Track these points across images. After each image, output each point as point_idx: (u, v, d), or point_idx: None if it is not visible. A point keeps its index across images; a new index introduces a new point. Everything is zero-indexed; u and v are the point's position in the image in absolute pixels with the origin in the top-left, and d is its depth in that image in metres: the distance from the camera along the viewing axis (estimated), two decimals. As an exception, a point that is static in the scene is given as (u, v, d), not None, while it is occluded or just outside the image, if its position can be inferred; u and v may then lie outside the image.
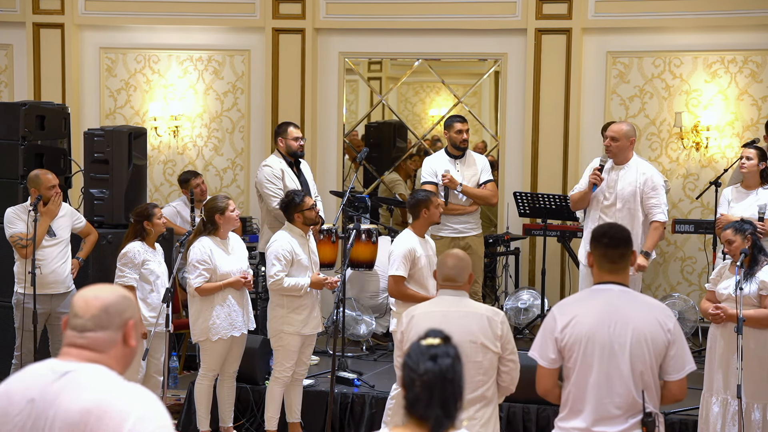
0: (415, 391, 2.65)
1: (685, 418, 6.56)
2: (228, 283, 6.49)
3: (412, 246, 6.32)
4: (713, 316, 5.90)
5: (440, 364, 2.66)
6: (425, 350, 2.69)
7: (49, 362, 2.69)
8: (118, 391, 2.59)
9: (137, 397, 2.58)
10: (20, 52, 10.11)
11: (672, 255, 9.37)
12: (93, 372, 2.63)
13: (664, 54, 9.22)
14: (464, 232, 7.82)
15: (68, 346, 2.69)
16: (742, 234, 5.86)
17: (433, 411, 2.63)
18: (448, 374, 2.66)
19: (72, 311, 2.71)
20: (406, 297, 6.29)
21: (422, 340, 2.73)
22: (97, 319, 2.68)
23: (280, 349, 6.59)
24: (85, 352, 2.66)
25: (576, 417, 4.08)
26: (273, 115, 9.67)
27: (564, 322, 4.09)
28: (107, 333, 2.68)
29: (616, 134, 6.94)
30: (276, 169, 7.72)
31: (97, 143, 7.69)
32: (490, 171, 7.99)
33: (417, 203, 6.47)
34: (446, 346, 2.71)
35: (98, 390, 2.58)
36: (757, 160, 7.00)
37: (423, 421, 2.64)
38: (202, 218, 6.66)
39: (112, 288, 2.79)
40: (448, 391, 2.65)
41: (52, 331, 7.12)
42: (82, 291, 2.75)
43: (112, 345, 2.69)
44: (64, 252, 7.07)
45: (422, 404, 2.64)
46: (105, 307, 2.69)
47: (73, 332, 2.69)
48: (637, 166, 7.03)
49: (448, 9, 9.50)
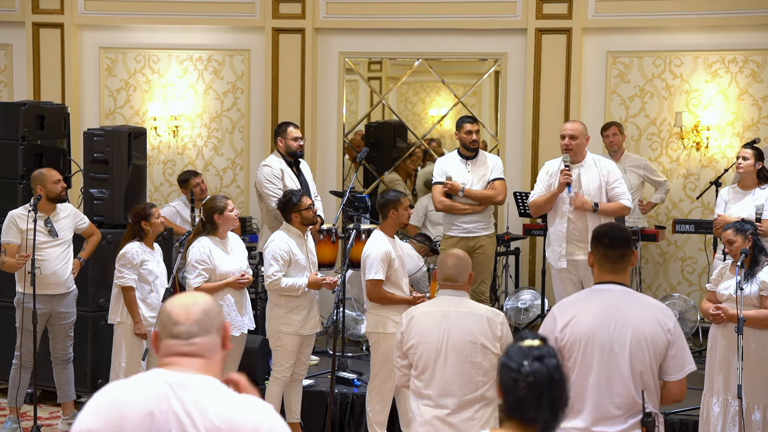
0: (519, 393, 2.59)
1: (686, 419, 6.55)
2: (227, 283, 6.48)
3: (387, 248, 6.32)
4: (714, 317, 5.89)
5: (547, 364, 2.61)
6: (528, 351, 2.63)
7: (159, 373, 2.64)
8: (243, 406, 2.59)
9: (262, 410, 2.60)
10: (20, 51, 10.11)
11: (672, 255, 9.36)
12: (209, 386, 2.61)
13: (664, 54, 9.21)
14: (475, 232, 7.78)
15: (176, 354, 2.65)
16: (743, 234, 5.85)
17: (543, 413, 2.58)
18: (556, 374, 2.62)
19: (170, 320, 2.67)
20: (385, 300, 6.31)
21: (521, 342, 2.68)
22: (201, 323, 2.66)
23: (279, 349, 6.59)
24: (195, 360, 2.64)
25: (575, 417, 4.07)
26: (273, 115, 9.67)
27: (564, 321, 4.09)
28: (211, 337, 2.67)
29: (575, 132, 7.00)
30: (275, 169, 7.71)
31: (97, 143, 7.68)
32: (501, 170, 7.93)
33: (385, 203, 6.46)
34: (548, 347, 2.66)
35: (222, 406, 2.57)
36: (753, 160, 7.01)
37: (530, 424, 2.59)
38: (201, 218, 6.65)
39: (202, 294, 2.80)
40: (557, 391, 2.61)
41: (52, 332, 7.11)
42: (174, 300, 2.73)
43: (216, 349, 2.68)
44: (66, 253, 7.05)
45: (529, 406, 2.59)
46: (205, 310, 2.68)
47: (176, 341, 2.65)
48: (595, 161, 7.08)
49: (448, 9, 9.50)
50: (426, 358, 4.70)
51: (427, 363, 4.70)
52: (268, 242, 6.60)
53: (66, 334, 7.12)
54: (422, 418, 4.73)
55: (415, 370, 4.76)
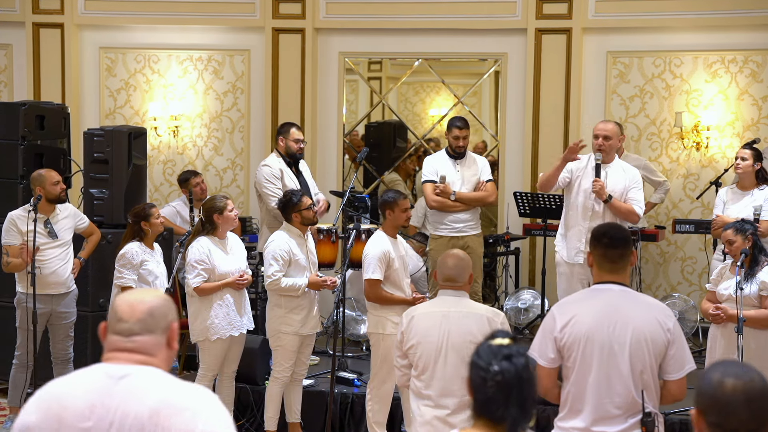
0: (488, 392, 2.61)
1: (685, 419, 6.55)
2: (226, 283, 6.49)
3: (386, 248, 6.32)
4: (713, 317, 5.90)
5: (515, 363, 2.62)
6: (497, 350, 2.65)
7: (99, 367, 2.67)
8: (184, 390, 2.61)
9: (203, 397, 2.61)
10: (20, 51, 10.11)
11: (672, 255, 9.36)
12: (150, 374, 2.63)
13: (664, 54, 9.21)
14: (463, 231, 7.81)
15: (115, 350, 2.67)
16: (743, 234, 5.86)
17: (511, 411, 2.60)
18: (524, 373, 2.63)
19: (115, 316, 2.70)
20: (383, 300, 6.31)
21: (491, 340, 2.69)
22: (144, 323, 2.67)
23: (279, 349, 6.59)
24: (135, 355, 2.66)
25: (575, 417, 4.08)
26: (273, 115, 9.67)
27: (563, 321, 4.09)
28: (153, 336, 2.68)
29: (609, 133, 6.95)
30: (275, 169, 7.71)
31: (97, 143, 7.68)
32: (489, 171, 7.98)
33: (382, 204, 6.51)
34: (518, 346, 2.68)
35: (163, 391, 2.59)
36: (752, 160, 7.01)
37: (498, 422, 2.60)
38: (201, 218, 6.65)
39: (154, 292, 2.80)
40: (525, 390, 2.62)
41: (52, 331, 7.11)
42: (125, 295, 2.75)
43: (159, 348, 2.69)
44: (66, 253, 7.05)
45: (497, 405, 2.60)
46: (150, 310, 2.69)
47: (118, 337, 2.68)
48: (622, 166, 7.08)
49: (448, 9, 9.50)
50: (426, 358, 4.70)
51: (427, 363, 4.70)
52: (268, 242, 6.60)
53: (66, 334, 7.12)
54: (422, 418, 4.74)
55: (416, 370, 4.77)
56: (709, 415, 2.53)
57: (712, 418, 2.53)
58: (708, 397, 2.55)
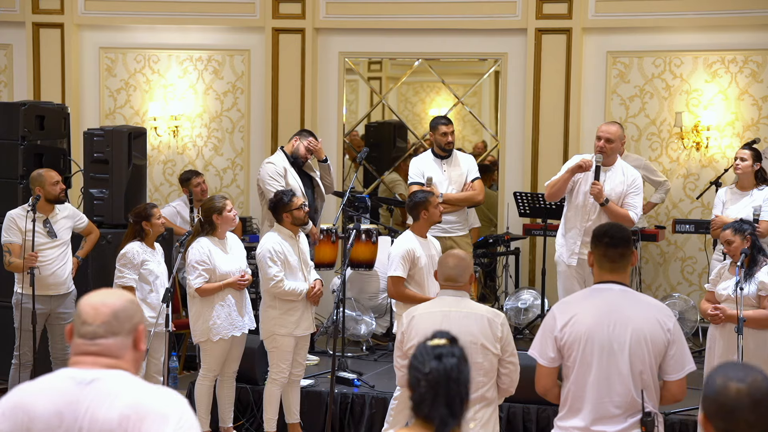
0: (421, 391, 2.66)
1: (685, 418, 6.55)
2: (227, 283, 6.49)
3: (411, 246, 6.32)
4: (712, 317, 5.90)
5: (445, 363, 2.66)
6: (431, 350, 2.70)
7: (64, 372, 2.63)
8: (154, 395, 2.58)
9: (173, 401, 2.58)
10: (20, 51, 10.11)
11: (672, 255, 9.36)
12: (119, 378, 2.60)
13: (664, 54, 9.21)
14: (450, 232, 7.78)
15: (80, 354, 2.64)
16: (742, 234, 5.86)
17: (438, 410, 2.63)
18: (453, 373, 2.66)
19: (79, 318, 2.66)
20: (405, 298, 6.29)
21: (429, 340, 2.73)
22: (108, 326, 2.64)
23: (275, 351, 6.58)
24: (101, 358, 2.63)
25: (575, 416, 4.08)
26: (273, 115, 9.67)
27: (563, 321, 4.09)
28: (119, 339, 2.65)
29: (612, 136, 6.88)
30: (279, 167, 7.69)
31: (97, 143, 7.68)
32: (476, 170, 7.97)
33: (415, 205, 6.47)
34: (452, 347, 2.71)
35: (132, 395, 2.55)
36: (751, 161, 7.01)
37: (428, 421, 2.64)
38: (200, 218, 6.65)
39: (119, 293, 2.76)
40: (453, 390, 2.65)
41: (51, 332, 7.11)
42: (88, 298, 2.70)
43: (125, 350, 2.66)
44: (65, 253, 7.05)
45: (427, 404, 2.64)
46: (114, 312, 2.65)
47: (83, 340, 2.64)
48: (623, 168, 7.00)
49: (448, 9, 9.50)
50: (426, 358, 4.69)
51: (427, 363, 4.69)
52: (260, 244, 6.55)
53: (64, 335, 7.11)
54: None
55: (416, 370, 4.76)
56: (717, 421, 2.52)
57: (720, 424, 2.52)
58: (713, 403, 2.53)
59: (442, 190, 7.73)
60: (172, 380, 7.69)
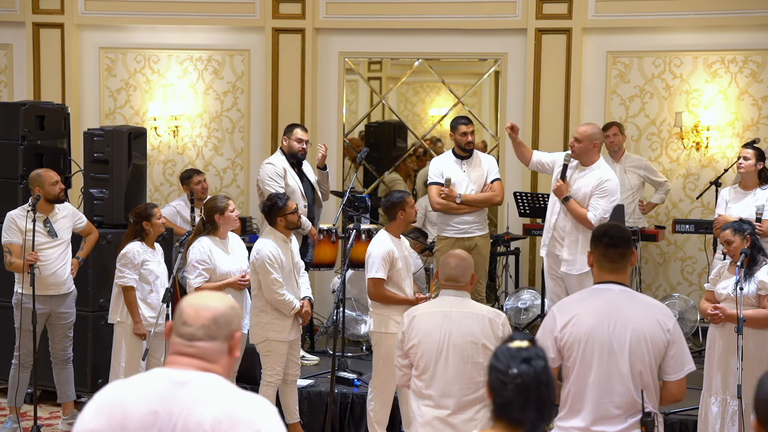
0: (507, 395, 2.62)
1: (685, 418, 6.56)
2: (228, 283, 6.49)
3: (390, 248, 6.34)
4: (712, 317, 5.90)
5: (534, 366, 2.63)
6: (516, 353, 2.66)
7: (160, 371, 2.65)
8: (247, 402, 2.59)
9: (264, 408, 2.60)
10: (20, 51, 10.11)
11: (672, 255, 9.37)
12: (213, 382, 2.62)
13: (664, 54, 9.22)
14: (470, 232, 7.77)
15: (177, 354, 2.66)
16: (741, 234, 5.86)
17: (529, 414, 2.60)
18: (543, 377, 2.63)
19: (180, 318, 2.68)
20: (385, 299, 6.33)
21: (509, 343, 2.70)
22: (207, 329, 2.65)
23: (270, 355, 6.57)
24: (196, 361, 2.64)
25: (575, 416, 4.08)
26: (273, 115, 9.67)
27: (564, 321, 4.09)
28: (215, 343, 2.66)
29: (579, 136, 6.97)
30: (278, 168, 7.70)
31: (97, 143, 7.68)
32: (497, 170, 7.95)
33: (392, 205, 6.48)
34: (536, 349, 2.68)
35: (225, 400, 2.57)
36: (754, 160, 7.01)
37: (517, 425, 2.61)
38: (202, 218, 6.65)
39: (222, 297, 2.76)
40: (543, 393, 2.62)
41: (52, 332, 7.11)
42: (191, 299, 2.73)
43: (220, 355, 2.67)
44: (65, 253, 7.05)
45: (516, 408, 2.60)
46: (215, 317, 2.66)
47: (181, 340, 2.66)
48: (599, 172, 6.97)
49: (448, 9, 9.50)
50: (427, 358, 4.70)
51: (428, 363, 4.70)
52: (258, 249, 6.52)
53: (65, 335, 7.12)
54: (423, 418, 4.73)
55: (416, 370, 4.76)
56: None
57: None
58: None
59: (462, 190, 7.70)
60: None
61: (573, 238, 6.95)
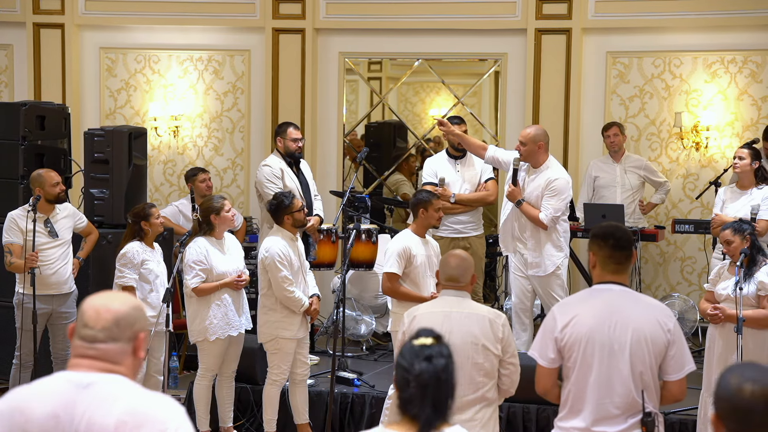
0: (410, 391, 2.68)
1: (685, 418, 6.56)
2: (224, 283, 6.50)
3: (407, 244, 6.35)
4: (712, 317, 5.91)
5: (435, 364, 2.69)
6: (419, 351, 2.71)
7: (62, 375, 2.61)
8: (152, 401, 2.56)
9: (171, 409, 2.56)
10: (20, 52, 10.11)
11: (672, 255, 9.37)
12: (117, 383, 2.58)
13: (664, 54, 9.22)
14: (464, 233, 7.82)
15: (79, 357, 2.62)
16: (741, 234, 5.87)
17: (425, 410, 2.66)
18: (443, 375, 2.69)
19: (81, 320, 2.63)
20: (398, 295, 6.33)
21: (414, 340, 2.74)
22: (108, 332, 2.61)
23: (278, 353, 6.58)
24: (99, 362, 2.60)
25: (575, 417, 4.09)
26: (273, 115, 9.68)
27: (564, 321, 4.09)
28: (118, 345, 2.62)
29: (523, 139, 7.09)
30: (275, 169, 7.72)
31: (97, 143, 7.69)
32: (491, 170, 7.99)
33: (416, 203, 6.53)
34: (440, 346, 2.73)
35: (130, 401, 2.53)
36: (749, 159, 7.04)
37: (416, 420, 2.67)
38: (198, 218, 6.66)
39: (124, 298, 2.72)
40: (441, 390, 2.68)
41: (53, 331, 7.12)
42: (93, 300, 2.67)
43: (124, 356, 2.63)
44: (66, 253, 7.06)
45: (415, 404, 2.67)
46: (116, 319, 2.62)
47: (82, 342, 2.62)
48: (548, 172, 7.07)
49: (448, 9, 9.50)
50: (427, 358, 4.70)
51: (427, 363, 4.70)
52: (267, 247, 6.52)
53: (66, 334, 7.13)
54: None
55: (416, 370, 4.76)
56: (729, 422, 2.51)
57: (733, 425, 2.50)
58: (727, 403, 2.51)
59: (456, 190, 7.75)
60: (173, 380, 7.70)
61: (535, 240, 7.09)
